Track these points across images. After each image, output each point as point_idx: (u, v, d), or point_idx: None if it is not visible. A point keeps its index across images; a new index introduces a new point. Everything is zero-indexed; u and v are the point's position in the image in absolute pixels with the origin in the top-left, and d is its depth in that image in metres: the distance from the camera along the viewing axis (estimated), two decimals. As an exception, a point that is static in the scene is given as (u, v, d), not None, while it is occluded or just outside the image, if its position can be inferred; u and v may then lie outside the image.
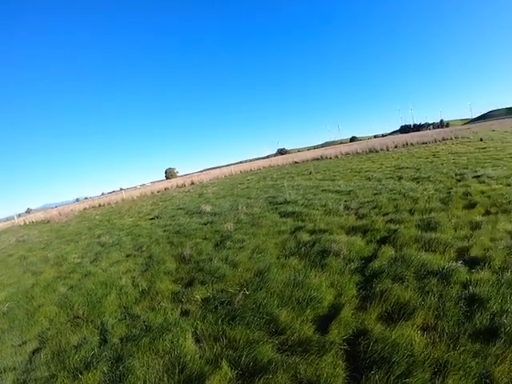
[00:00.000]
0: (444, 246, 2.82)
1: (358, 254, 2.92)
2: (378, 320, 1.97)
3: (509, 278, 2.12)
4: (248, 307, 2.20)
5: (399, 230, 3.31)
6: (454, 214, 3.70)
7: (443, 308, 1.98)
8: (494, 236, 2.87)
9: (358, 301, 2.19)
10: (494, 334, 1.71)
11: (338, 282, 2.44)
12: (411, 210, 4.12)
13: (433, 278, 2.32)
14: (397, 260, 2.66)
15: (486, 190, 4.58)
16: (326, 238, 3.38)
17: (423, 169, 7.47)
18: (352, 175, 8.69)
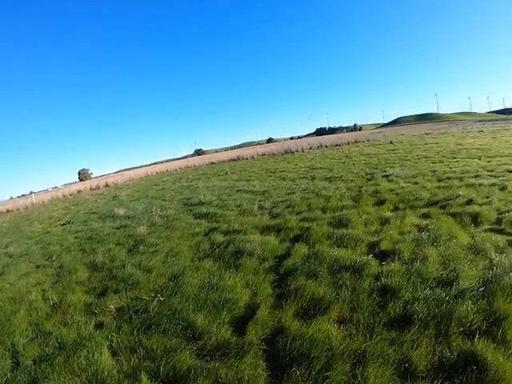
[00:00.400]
0: (355, 242, 6.03)
1: (272, 252, 6.08)
2: (294, 317, 4.06)
3: (418, 267, 4.72)
4: (163, 314, 4.35)
5: (312, 228, 6.94)
6: (365, 210, 8.00)
7: (357, 300, 4.16)
8: (402, 230, 6.41)
9: (273, 299, 4.54)
10: (407, 321, 3.69)
11: (252, 281, 5.05)
12: (324, 208, 8.73)
13: (346, 273, 4.90)
14: (310, 257, 5.60)
15: (394, 188, 10.11)
16: (240, 238, 6.97)
17: (336, 169, 16.25)
18: (267, 175, 17.93)
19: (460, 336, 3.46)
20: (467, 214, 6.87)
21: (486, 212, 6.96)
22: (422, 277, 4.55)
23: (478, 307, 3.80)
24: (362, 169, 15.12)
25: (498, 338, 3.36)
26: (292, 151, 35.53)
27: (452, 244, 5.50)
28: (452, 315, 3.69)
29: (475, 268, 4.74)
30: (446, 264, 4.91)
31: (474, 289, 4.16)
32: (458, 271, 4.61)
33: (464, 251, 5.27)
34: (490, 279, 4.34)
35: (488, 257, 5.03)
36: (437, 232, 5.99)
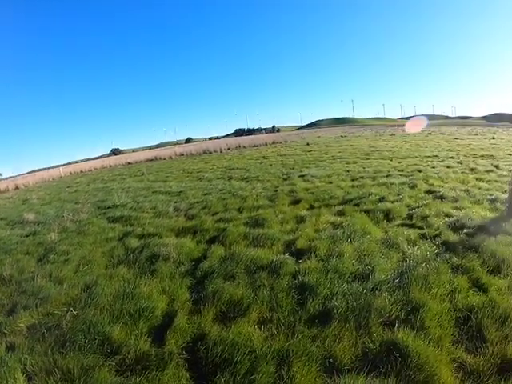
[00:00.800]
0: (272, 241, 6.21)
1: (188, 255, 6.03)
2: (214, 322, 4.06)
3: (334, 263, 4.96)
4: (78, 329, 4.08)
5: (228, 229, 7.02)
6: (281, 210, 8.34)
7: (276, 300, 4.29)
8: (318, 227, 6.62)
9: (191, 305, 4.49)
10: (328, 316, 3.86)
11: (169, 287, 4.92)
12: (240, 209, 8.92)
13: (263, 273, 5.02)
14: (227, 258, 5.61)
15: (310, 187, 10.55)
16: (155, 242, 6.79)
17: (253, 169, 16.96)
18: (184, 176, 17.95)
19: (380, 327, 3.65)
20: (380, 211, 7.37)
21: (398, 208, 7.55)
22: (339, 272, 4.74)
23: (395, 298, 4.06)
24: (278, 169, 15.85)
25: (416, 326, 3.61)
26: (210, 151, 36.16)
27: (366, 239, 5.83)
28: (371, 307, 3.88)
29: (389, 261, 5.05)
30: (362, 259, 5.16)
31: (390, 281, 4.43)
32: (374, 265, 4.86)
33: (378, 245, 5.61)
34: (405, 270, 4.64)
35: (401, 250, 5.41)
36: (351, 228, 6.28)
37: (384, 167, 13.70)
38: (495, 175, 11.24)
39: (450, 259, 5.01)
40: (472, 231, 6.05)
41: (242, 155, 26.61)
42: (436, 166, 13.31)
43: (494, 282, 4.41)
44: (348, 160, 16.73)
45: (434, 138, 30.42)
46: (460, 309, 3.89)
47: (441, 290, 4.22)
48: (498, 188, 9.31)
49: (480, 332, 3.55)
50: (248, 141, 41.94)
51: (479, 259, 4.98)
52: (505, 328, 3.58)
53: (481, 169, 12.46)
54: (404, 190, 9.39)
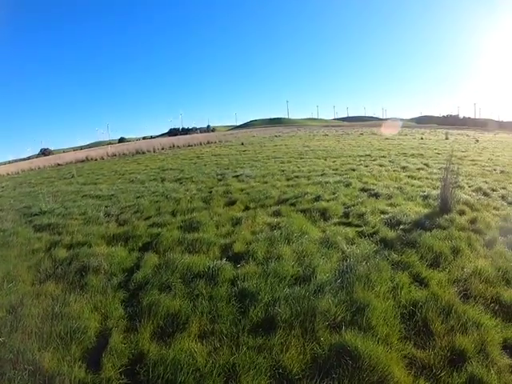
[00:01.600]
0: (208, 245, 5.96)
1: (120, 265, 5.57)
2: (152, 339, 3.79)
3: (274, 267, 4.80)
4: (5, 359, 3.56)
5: (162, 234, 6.69)
6: (216, 212, 7.86)
7: (216, 310, 4.08)
8: (254, 229, 6.49)
9: (126, 321, 4.13)
10: (272, 324, 3.72)
11: (101, 303, 4.48)
12: (174, 212, 8.54)
13: (200, 281, 4.76)
14: (161, 267, 5.29)
15: (245, 187, 10.45)
16: (84, 251, 6.23)
17: (187, 170, 16.59)
18: (116, 178, 17.03)
19: (327, 330, 3.60)
20: (316, 210, 7.41)
21: (334, 207, 7.63)
22: (279, 276, 4.61)
23: (339, 299, 4.01)
24: (213, 169, 15.76)
25: (363, 326, 3.60)
26: (144, 152, 35.25)
27: (305, 240, 5.77)
28: (315, 311, 3.82)
29: (330, 261, 5.03)
30: (301, 260, 5.08)
31: (332, 281, 4.40)
32: (314, 266, 4.81)
33: (317, 246, 5.57)
34: (346, 270, 4.65)
35: (340, 249, 5.44)
36: (289, 229, 6.22)
37: (318, 166, 14.01)
38: (426, 173, 11.94)
39: (390, 256, 5.11)
40: (408, 227, 6.30)
41: (176, 155, 26.11)
42: (369, 165, 13.84)
43: (433, 275, 4.59)
44: (283, 160, 16.96)
45: (366, 138, 32.11)
46: (404, 305, 3.97)
47: (383, 287, 4.25)
48: (429, 185, 9.83)
49: (426, 326, 3.65)
50: (182, 140, 41.64)
51: (417, 254, 5.16)
52: (450, 320, 3.71)
53: (412, 167, 13.16)
54: (339, 188, 9.56)
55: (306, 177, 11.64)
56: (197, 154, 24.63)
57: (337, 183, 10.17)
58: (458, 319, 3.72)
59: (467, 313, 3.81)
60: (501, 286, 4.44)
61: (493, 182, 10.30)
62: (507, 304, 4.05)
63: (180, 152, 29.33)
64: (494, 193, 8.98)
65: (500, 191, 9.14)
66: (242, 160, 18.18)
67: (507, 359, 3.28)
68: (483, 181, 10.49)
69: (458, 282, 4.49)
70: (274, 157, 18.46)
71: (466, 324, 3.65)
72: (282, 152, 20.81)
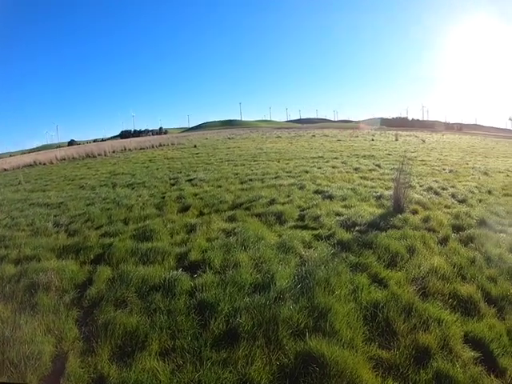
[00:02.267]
0: (162, 255, 5.71)
1: (72, 281, 5.15)
2: (111, 360, 3.52)
3: (232, 275, 4.70)
4: None
5: (114, 244, 6.32)
6: (170, 218, 7.63)
7: (176, 324, 3.90)
8: (210, 236, 6.34)
9: (82, 343, 3.83)
10: (234, 335, 3.62)
11: (54, 324, 4.12)
12: (126, 220, 8.18)
13: (157, 294, 4.53)
14: (115, 280, 4.97)
15: (198, 192, 10.25)
16: (33, 267, 5.68)
17: (139, 174, 16.05)
18: (65, 184, 15.98)
19: (291, 338, 3.55)
20: (271, 214, 7.37)
21: (289, 210, 7.62)
22: (238, 284, 4.51)
23: (301, 305, 3.98)
24: (165, 173, 15.33)
25: (327, 331, 3.59)
26: (94, 155, 33.69)
27: (261, 245, 5.69)
28: (277, 319, 3.77)
29: (288, 266, 4.97)
30: (259, 267, 5.01)
31: (292, 287, 4.35)
32: (273, 272, 4.74)
33: (274, 251, 5.50)
34: (305, 275, 4.61)
35: (298, 253, 5.40)
36: (245, 235, 6.12)
37: (272, 169, 14.04)
38: (378, 173, 12.32)
39: (348, 258, 5.16)
40: (364, 228, 6.41)
41: (127, 159, 25.23)
42: (322, 167, 14.02)
43: (392, 275, 4.68)
44: (236, 162, 16.90)
45: (318, 139, 32.88)
46: (365, 306, 4.01)
47: (344, 290, 4.27)
48: (381, 185, 10.13)
49: (389, 326, 3.71)
50: (134, 143, 40.63)
51: (375, 255, 5.24)
52: (411, 318, 3.81)
53: (364, 168, 13.52)
54: (293, 191, 9.59)
55: (260, 180, 11.61)
56: (149, 158, 24.06)
57: (291, 186, 10.21)
58: (420, 317, 3.81)
59: (427, 310, 3.93)
60: (457, 281, 4.64)
61: (443, 181, 10.83)
62: (464, 298, 4.23)
63: (132, 155, 28.42)
64: (444, 191, 9.42)
65: (450, 190, 9.62)
66: (195, 163, 17.99)
67: (470, 352, 3.41)
68: (433, 180, 11.01)
69: (416, 280, 4.62)
70: (228, 159, 18.36)
71: (427, 321, 3.75)
72: (235, 154, 20.78)
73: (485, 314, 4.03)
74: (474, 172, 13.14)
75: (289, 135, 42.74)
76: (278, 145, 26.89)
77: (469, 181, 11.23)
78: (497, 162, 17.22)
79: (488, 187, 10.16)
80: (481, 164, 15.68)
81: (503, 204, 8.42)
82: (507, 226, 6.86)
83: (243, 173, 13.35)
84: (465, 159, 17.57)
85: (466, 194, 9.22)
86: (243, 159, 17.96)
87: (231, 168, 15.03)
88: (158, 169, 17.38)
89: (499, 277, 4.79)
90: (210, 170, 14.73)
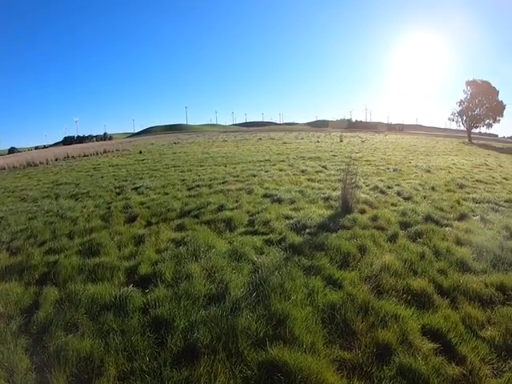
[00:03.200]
0: (111, 271, 5.41)
1: (18, 305, 4.69)
2: None
3: (185, 288, 4.58)
4: None
5: (60, 262, 5.94)
6: (117, 230, 7.28)
7: (132, 345, 3.70)
8: (159, 247, 6.14)
9: (35, 374, 3.49)
10: (194, 352, 3.49)
11: (3, 355, 3.76)
12: (71, 234, 7.64)
13: (108, 313, 4.26)
14: (63, 302, 4.63)
15: (145, 200, 9.92)
16: None
17: (83, 183, 15.09)
18: (5, 196, 14.61)
19: (252, 349, 3.49)
20: (221, 220, 7.29)
21: (238, 216, 7.55)
22: (192, 297, 4.40)
23: (258, 314, 3.93)
24: (110, 182, 14.57)
25: (288, 338, 3.58)
26: (36, 164, 31.79)
27: (213, 254, 5.59)
28: (236, 330, 3.69)
29: (241, 274, 4.91)
30: (212, 277, 4.90)
31: (247, 296, 4.30)
32: (226, 282, 4.67)
33: (226, 259, 5.41)
34: (259, 282, 4.56)
35: (250, 260, 5.34)
36: (195, 244, 6.00)
37: (219, 174, 13.93)
38: (324, 175, 12.57)
39: (300, 261, 5.18)
40: (314, 230, 6.47)
41: (71, 167, 23.69)
42: (269, 170, 14.10)
43: (345, 275, 4.75)
44: (182, 168, 16.65)
45: (264, 143, 33.12)
46: (322, 309, 4.03)
47: (299, 295, 4.27)
48: (328, 187, 10.32)
49: (348, 327, 3.75)
50: (78, 150, 38.81)
51: (327, 257, 5.31)
52: (369, 317, 3.88)
53: (311, 170, 13.75)
54: (242, 195, 9.53)
55: (207, 185, 11.45)
56: (93, 165, 22.76)
57: (239, 190, 10.15)
58: (377, 315, 3.89)
59: (384, 307, 4.02)
60: (409, 276, 4.80)
61: (388, 180, 11.27)
62: (417, 293, 4.38)
63: (75, 163, 26.76)
64: (389, 190, 9.79)
65: (395, 188, 10.02)
66: (141, 170, 17.43)
67: (429, 343, 3.52)
68: (379, 179, 11.42)
69: (370, 278, 4.73)
70: (174, 165, 18.05)
71: (384, 318, 3.84)
72: (181, 160, 20.51)
73: (439, 305, 4.19)
74: (417, 170, 13.85)
75: (235, 139, 42.96)
76: (224, 149, 26.84)
77: (413, 179, 11.77)
78: (438, 160, 18.25)
79: (431, 184, 10.71)
80: (423, 162, 16.58)
81: (447, 199, 8.90)
82: (452, 219, 7.25)
83: (190, 179, 13.14)
84: (408, 158, 18.46)
85: (410, 191, 9.64)
86: (190, 164, 17.74)
87: (178, 174, 14.76)
88: (102, 177, 16.56)
89: (449, 269, 5.05)
90: (157, 177, 14.33)
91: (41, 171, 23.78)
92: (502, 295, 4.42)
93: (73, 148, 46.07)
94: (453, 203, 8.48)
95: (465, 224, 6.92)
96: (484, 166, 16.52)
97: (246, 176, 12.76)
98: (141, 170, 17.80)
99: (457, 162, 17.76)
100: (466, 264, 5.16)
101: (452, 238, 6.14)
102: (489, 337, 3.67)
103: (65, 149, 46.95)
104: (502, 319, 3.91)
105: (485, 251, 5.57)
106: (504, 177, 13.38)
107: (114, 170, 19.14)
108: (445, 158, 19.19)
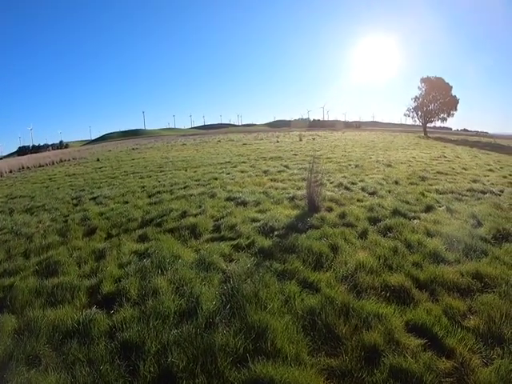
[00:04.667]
0: (71, 292, 4.89)
1: None
2: None
3: (153, 306, 4.16)
4: None
5: (16, 285, 5.33)
6: (75, 245, 6.76)
7: (101, 376, 3.29)
8: (121, 261, 5.67)
9: None
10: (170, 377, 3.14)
11: None
12: (26, 253, 6.95)
13: (72, 341, 3.82)
14: (23, 332, 4.12)
15: (104, 211, 9.31)
16: None
17: (38, 196, 13.95)
18: None
19: (233, 367, 3.22)
20: (185, 228, 6.91)
21: (203, 221, 7.22)
22: (162, 315, 4.03)
23: (235, 328, 3.66)
24: (67, 193, 13.61)
25: (270, 351, 3.34)
26: None
27: (179, 265, 5.22)
28: (213, 349, 3.40)
29: (212, 285, 4.61)
30: (181, 291, 4.52)
31: (221, 309, 4.00)
32: (197, 295, 4.32)
33: (194, 270, 5.07)
34: (231, 293, 4.29)
35: (220, 269, 5.05)
36: (159, 255, 5.59)
37: (180, 178, 13.55)
38: (287, 174, 12.48)
39: (272, 266, 4.96)
40: (283, 232, 6.28)
41: (26, 179, 22.21)
42: (231, 172, 13.90)
43: (321, 277, 4.58)
44: (142, 174, 16.11)
45: (224, 144, 32.96)
46: (302, 315, 3.83)
47: (276, 303, 4.04)
48: (292, 186, 10.22)
49: (331, 332, 3.58)
50: (33, 160, 36.78)
51: (299, 259, 5.11)
52: (351, 319, 3.72)
53: (273, 170, 13.63)
54: (205, 200, 9.18)
55: (168, 191, 11.06)
56: (49, 176, 21.34)
57: (201, 195, 9.84)
58: (359, 316, 3.75)
59: (364, 307, 3.89)
60: (385, 273, 4.70)
61: (351, 176, 11.30)
62: (396, 288, 4.28)
63: (30, 174, 25.14)
64: (354, 186, 9.81)
65: (359, 184, 10.08)
66: (99, 178, 16.52)
67: (416, 340, 3.43)
68: (342, 176, 11.44)
69: (346, 278, 4.58)
70: (133, 172, 17.45)
71: (367, 319, 3.70)
72: (140, 166, 19.96)
73: (419, 299, 4.12)
74: (379, 165, 14.06)
75: (194, 142, 42.52)
76: (184, 153, 26.47)
77: (375, 173, 11.90)
78: (398, 154, 18.68)
79: (394, 178, 10.87)
80: (383, 157, 16.89)
81: (411, 192, 9.00)
82: (419, 212, 7.30)
83: (150, 185, 12.67)
84: (368, 154, 18.78)
85: (375, 186, 9.69)
86: (149, 170, 17.26)
87: (137, 181, 14.23)
88: (59, 188, 15.51)
89: (423, 261, 5.01)
90: (115, 185, 13.61)
91: (-7, 185, 22.31)
92: (479, 283, 4.42)
93: (28, 158, 43.59)
94: (418, 195, 8.59)
95: (432, 215, 6.98)
96: (442, 158, 17.06)
97: (208, 179, 12.49)
98: (99, 178, 16.98)
99: (416, 155, 18.22)
100: (439, 255, 5.14)
101: (422, 230, 6.14)
102: (473, 326, 3.64)
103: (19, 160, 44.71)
104: (483, 307, 3.90)
105: (455, 241, 5.59)
106: (463, 167, 13.88)
107: (70, 179, 18.04)
108: (404, 152, 19.66)
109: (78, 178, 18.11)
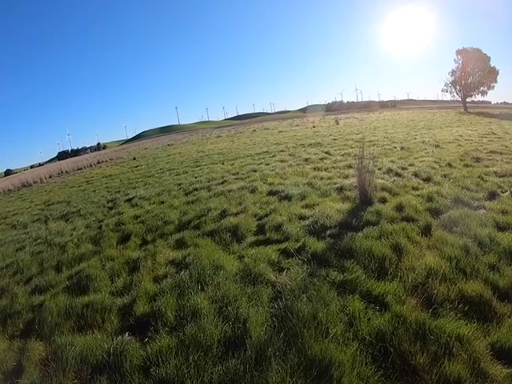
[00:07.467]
0: (102, 314, 4.40)
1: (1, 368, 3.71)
2: None
3: (192, 332, 3.58)
4: None
5: (45, 305, 4.90)
6: (109, 255, 6.32)
7: None
8: (156, 274, 5.12)
9: None
10: None
11: None
12: (58, 265, 6.53)
13: (102, 378, 3.32)
14: (49, 363, 3.65)
15: (139, 213, 8.80)
16: None
17: (74, 200, 13.88)
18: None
19: None
20: (225, 230, 6.23)
21: (245, 221, 6.50)
22: (203, 346, 3.41)
23: (291, 363, 3.00)
24: (103, 195, 13.27)
25: None
26: (30, 183, 31.01)
27: (221, 278, 4.57)
28: None
29: (260, 304, 3.89)
30: (225, 312, 3.88)
31: (273, 337, 3.30)
32: (243, 318, 3.66)
33: (238, 284, 4.38)
34: (284, 314, 3.60)
35: (268, 281, 4.34)
36: (199, 265, 4.99)
37: (217, 173, 12.84)
38: (330, 162, 11.59)
39: (329, 276, 4.21)
40: (336, 231, 5.52)
41: (64, 183, 22.61)
42: (270, 163, 13.11)
43: (387, 289, 3.86)
44: (178, 171, 15.56)
45: (260, 133, 32.13)
46: (370, 342, 3.14)
47: (339, 326, 3.35)
48: (338, 175, 9.43)
49: (406, 363, 2.92)
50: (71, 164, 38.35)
51: (359, 265, 4.39)
52: (428, 345, 3.04)
53: (314, 158, 12.73)
54: (245, 196, 8.45)
55: (205, 188, 10.41)
56: (86, 179, 21.59)
57: (241, 190, 9.14)
58: (437, 340, 3.07)
59: (443, 328, 3.18)
60: (459, 279, 3.94)
61: (399, 161, 10.39)
62: (475, 300, 3.59)
63: (69, 178, 25.68)
64: (405, 172, 8.97)
65: (410, 169, 9.21)
66: (135, 178, 16.18)
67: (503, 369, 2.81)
68: (389, 160, 10.55)
69: (416, 289, 3.85)
70: (169, 168, 16.99)
71: (447, 344, 3.01)
72: (176, 162, 19.52)
73: (502, 313, 3.39)
74: (426, 146, 12.98)
75: (229, 133, 41.87)
76: (219, 145, 25.83)
77: (424, 156, 10.90)
78: (442, 133, 17.36)
79: (446, 160, 9.86)
80: (428, 137, 15.68)
81: (468, 176, 8.03)
82: (482, 199, 6.40)
83: (187, 182, 12.10)
84: (411, 134, 17.56)
85: (427, 170, 8.77)
86: (185, 166, 16.74)
87: (173, 178, 13.72)
88: (95, 191, 15.34)
89: (499, 263, 4.20)
90: (151, 184, 13.20)
91: (34, 191, 22.78)
92: None
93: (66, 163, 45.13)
94: (476, 180, 7.62)
95: (497, 204, 6.08)
96: (492, 135, 15.59)
97: (246, 172, 11.73)
98: (134, 178, 16.63)
99: (462, 133, 16.83)
100: (516, 254, 4.27)
101: (490, 223, 5.27)
102: None
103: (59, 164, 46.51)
104: None
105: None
106: (517, 145, 12.46)
107: (107, 181, 18.05)
108: (448, 131, 18.28)
109: (114, 179, 17.96)
